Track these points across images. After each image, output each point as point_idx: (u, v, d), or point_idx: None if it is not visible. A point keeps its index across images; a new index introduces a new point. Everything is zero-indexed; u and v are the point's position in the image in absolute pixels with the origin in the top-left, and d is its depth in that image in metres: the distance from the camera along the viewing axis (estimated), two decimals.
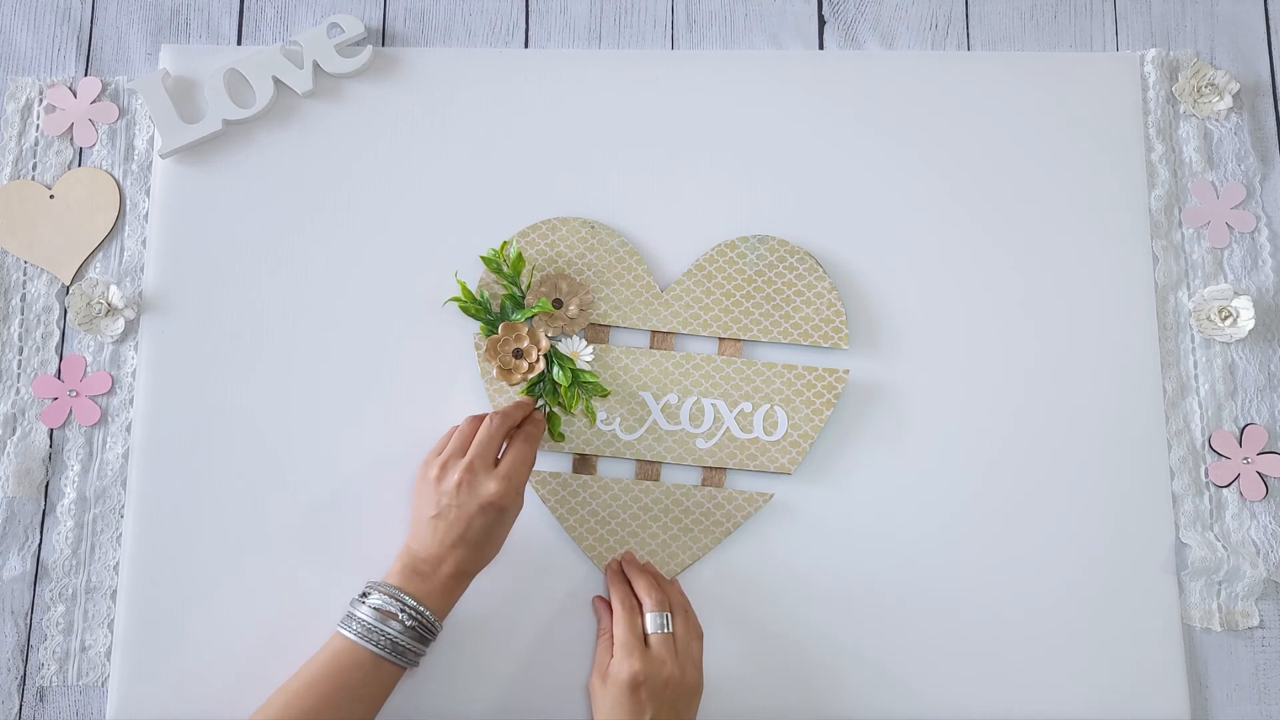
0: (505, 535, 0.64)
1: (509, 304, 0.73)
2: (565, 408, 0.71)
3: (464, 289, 0.73)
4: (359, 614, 0.61)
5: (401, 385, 0.74)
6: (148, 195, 0.78)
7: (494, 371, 0.71)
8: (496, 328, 0.72)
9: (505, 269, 0.73)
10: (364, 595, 0.62)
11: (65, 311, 0.76)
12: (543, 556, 0.72)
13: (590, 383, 0.71)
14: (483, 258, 0.73)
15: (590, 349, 0.72)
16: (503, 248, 0.73)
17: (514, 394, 0.72)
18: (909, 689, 0.71)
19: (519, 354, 0.71)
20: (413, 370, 0.75)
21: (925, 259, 0.77)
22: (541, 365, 0.71)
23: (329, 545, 0.72)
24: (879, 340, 0.75)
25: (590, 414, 0.72)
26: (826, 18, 0.82)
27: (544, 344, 0.71)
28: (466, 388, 0.74)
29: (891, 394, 0.75)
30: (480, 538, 0.62)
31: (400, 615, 0.60)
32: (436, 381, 0.74)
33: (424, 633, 0.61)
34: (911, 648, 0.71)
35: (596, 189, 0.77)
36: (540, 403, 0.71)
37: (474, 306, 0.73)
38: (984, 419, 0.74)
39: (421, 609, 0.61)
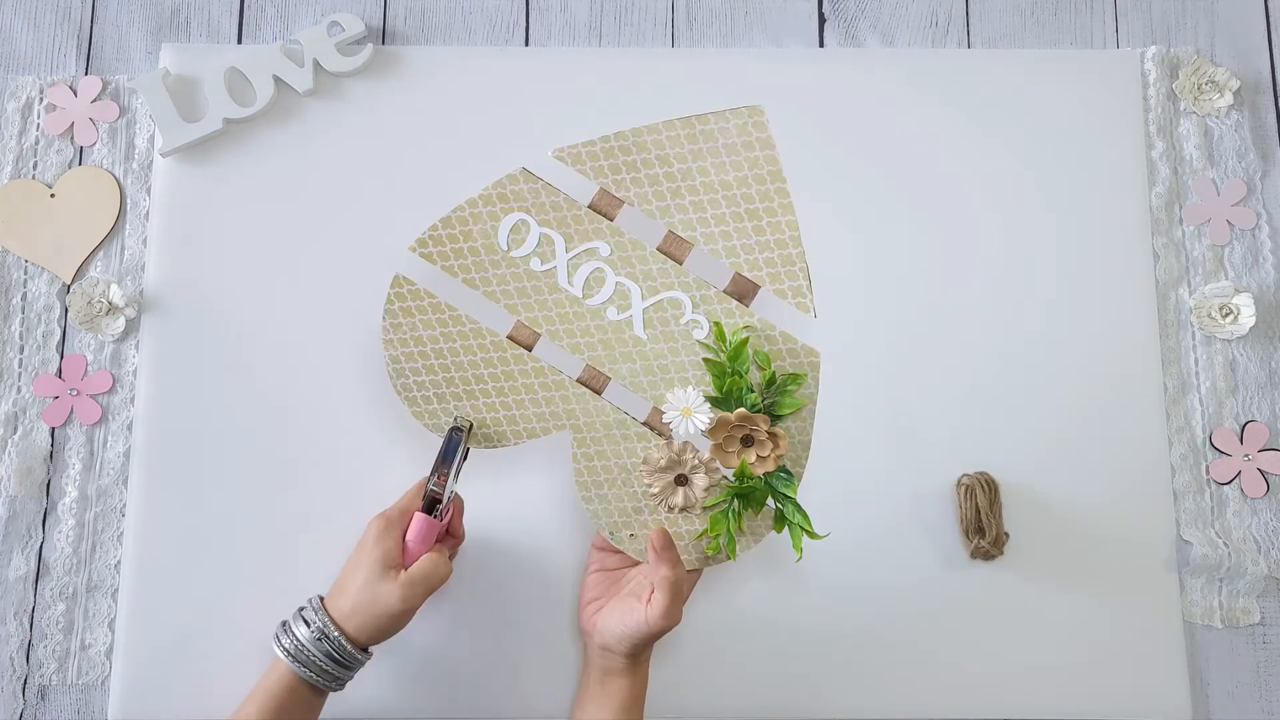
0: (405, 623, 0.63)
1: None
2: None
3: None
4: (298, 634, 0.62)
5: None
6: (148, 194, 0.78)
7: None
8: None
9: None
10: (305, 620, 0.63)
11: (66, 310, 0.76)
12: (526, 563, 0.72)
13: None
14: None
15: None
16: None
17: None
18: (908, 687, 0.71)
19: (748, 441, 0.64)
20: None
21: (925, 257, 0.76)
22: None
23: (329, 544, 0.71)
24: (876, 336, 0.75)
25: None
26: (827, 15, 0.82)
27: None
28: None
29: (886, 389, 0.75)
30: (381, 625, 0.62)
31: (328, 641, 0.62)
32: None
33: (349, 661, 0.62)
34: (910, 646, 0.71)
35: None
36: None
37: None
38: (984, 416, 0.74)
39: (346, 646, 0.62)
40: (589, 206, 0.67)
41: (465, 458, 0.66)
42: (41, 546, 0.73)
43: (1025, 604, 0.72)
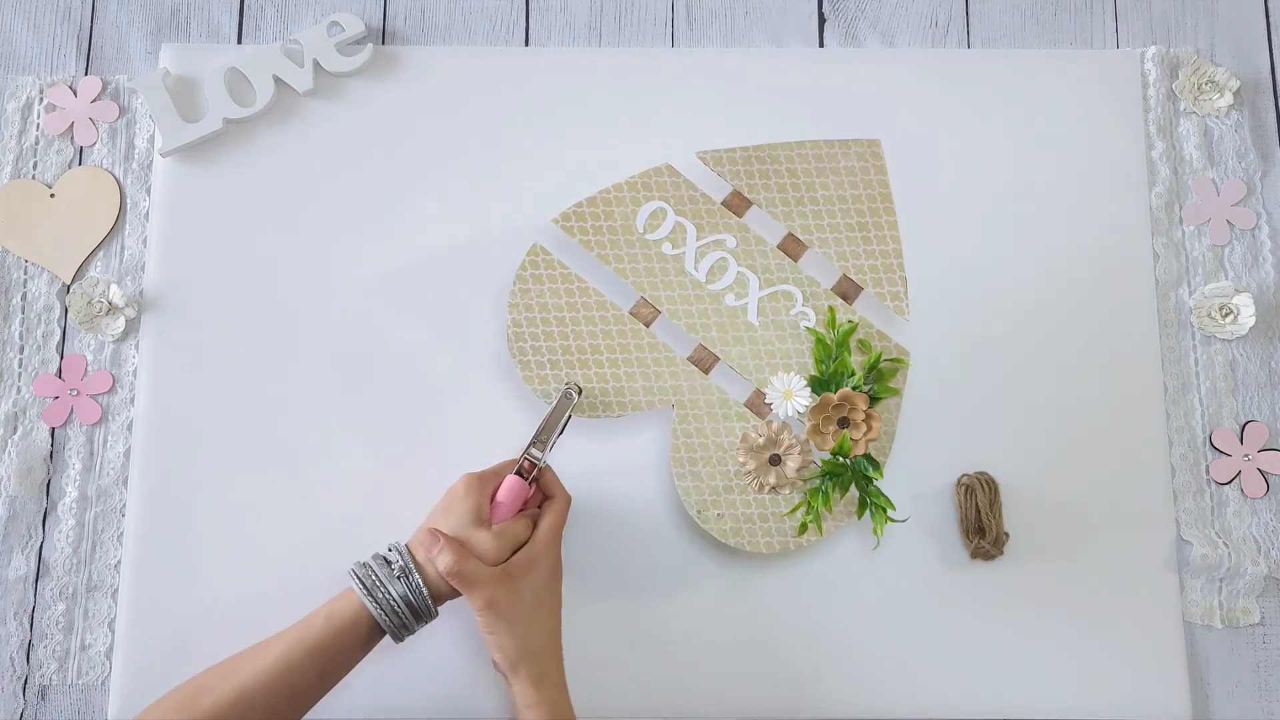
0: None
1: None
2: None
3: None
4: (380, 576, 0.62)
5: (400, 383, 0.74)
6: (148, 194, 0.78)
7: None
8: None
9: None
10: (388, 559, 0.63)
11: (66, 310, 0.76)
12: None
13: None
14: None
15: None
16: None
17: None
18: (908, 687, 0.71)
19: (845, 423, 0.65)
20: (411, 367, 0.75)
21: (924, 257, 0.76)
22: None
23: (330, 544, 0.71)
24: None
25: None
26: (827, 15, 0.82)
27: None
28: (462, 384, 0.74)
29: None
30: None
31: (408, 582, 0.62)
32: (434, 377, 0.74)
33: (422, 612, 0.62)
34: (910, 646, 0.71)
35: (596, 187, 0.77)
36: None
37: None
38: (984, 417, 0.74)
39: (425, 593, 0.62)
40: (722, 203, 0.74)
41: (564, 429, 0.68)
42: (41, 546, 0.73)
43: (1025, 604, 0.72)
